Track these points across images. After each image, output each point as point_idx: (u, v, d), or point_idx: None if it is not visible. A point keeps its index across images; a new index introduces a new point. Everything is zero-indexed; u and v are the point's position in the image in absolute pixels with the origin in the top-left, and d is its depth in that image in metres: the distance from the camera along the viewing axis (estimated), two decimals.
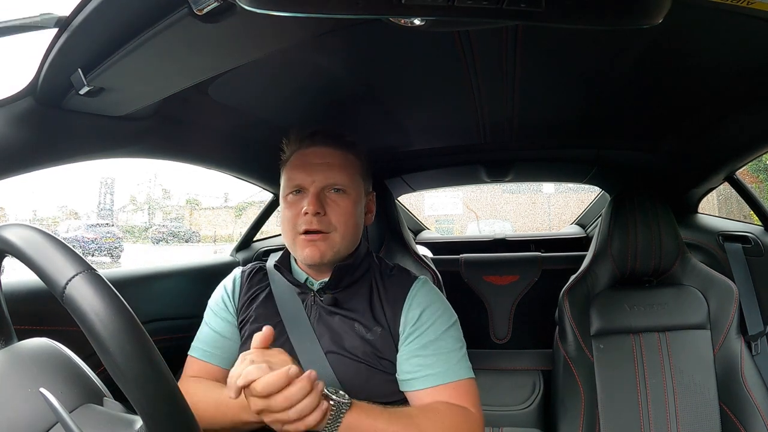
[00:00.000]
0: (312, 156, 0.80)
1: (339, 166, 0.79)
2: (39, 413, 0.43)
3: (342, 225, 0.78)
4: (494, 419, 1.44)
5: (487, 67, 0.77)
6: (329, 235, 0.77)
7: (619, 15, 0.41)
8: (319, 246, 0.76)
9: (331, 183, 0.78)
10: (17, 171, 0.68)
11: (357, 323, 0.77)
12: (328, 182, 0.78)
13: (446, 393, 0.72)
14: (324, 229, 0.77)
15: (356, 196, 0.81)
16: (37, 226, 0.43)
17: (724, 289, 1.12)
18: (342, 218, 0.78)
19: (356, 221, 0.81)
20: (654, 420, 1.07)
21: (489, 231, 4.11)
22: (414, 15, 0.41)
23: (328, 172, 0.78)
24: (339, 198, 0.78)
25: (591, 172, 1.64)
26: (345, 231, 0.78)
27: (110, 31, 0.50)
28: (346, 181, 0.79)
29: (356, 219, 0.81)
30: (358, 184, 0.82)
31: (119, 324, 0.37)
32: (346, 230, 0.78)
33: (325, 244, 0.77)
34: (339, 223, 0.78)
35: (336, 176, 0.79)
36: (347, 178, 0.79)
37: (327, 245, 0.77)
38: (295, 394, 0.57)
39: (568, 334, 1.15)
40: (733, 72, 0.77)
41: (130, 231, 6.94)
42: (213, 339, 0.82)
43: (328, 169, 0.79)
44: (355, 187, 0.81)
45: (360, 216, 0.83)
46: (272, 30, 0.50)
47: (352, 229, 0.80)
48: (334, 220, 0.77)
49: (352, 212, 0.79)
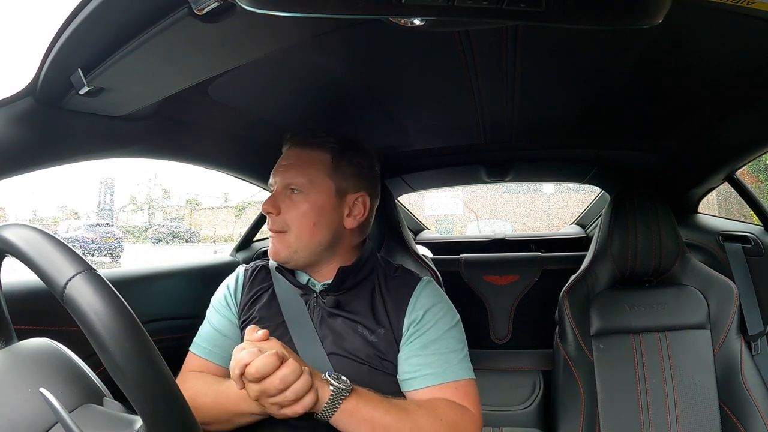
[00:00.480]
0: (283, 158, 0.83)
1: (299, 167, 0.80)
2: (39, 413, 0.43)
3: (296, 225, 0.78)
4: (494, 419, 1.44)
5: (487, 67, 0.77)
6: (284, 234, 0.79)
7: (619, 15, 0.41)
8: (275, 244, 0.79)
9: (288, 183, 0.79)
10: (17, 171, 0.68)
11: (360, 325, 0.77)
12: (285, 182, 0.80)
13: (445, 392, 0.72)
14: (278, 229, 0.79)
15: (317, 196, 0.78)
16: (37, 226, 0.43)
17: (724, 289, 1.12)
18: (296, 218, 0.78)
19: (313, 221, 0.78)
20: (654, 420, 1.07)
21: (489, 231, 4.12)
22: (414, 15, 0.41)
23: (287, 172, 0.80)
24: (296, 198, 0.79)
25: (591, 172, 1.64)
26: (300, 231, 0.78)
27: (110, 31, 0.50)
28: (303, 181, 0.78)
29: (313, 218, 0.78)
30: (322, 183, 0.79)
31: (119, 324, 0.37)
32: (301, 230, 0.78)
33: (280, 243, 0.79)
34: (293, 223, 0.78)
35: (293, 176, 0.79)
36: (305, 178, 0.78)
37: (282, 244, 0.79)
38: (288, 374, 0.58)
39: (568, 334, 1.15)
40: (733, 72, 0.77)
41: (130, 231, 6.95)
42: (214, 337, 0.83)
43: (288, 170, 0.80)
44: (317, 186, 0.79)
45: (323, 215, 0.79)
46: (272, 30, 0.50)
47: (309, 229, 0.78)
48: (288, 220, 0.78)
49: (308, 212, 0.78)
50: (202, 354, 0.82)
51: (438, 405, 0.70)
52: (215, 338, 0.83)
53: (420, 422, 0.67)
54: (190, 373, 0.80)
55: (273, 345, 0.63)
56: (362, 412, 0.64)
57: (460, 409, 0.71)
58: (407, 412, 0.68)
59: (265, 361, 0.58)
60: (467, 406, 0.72)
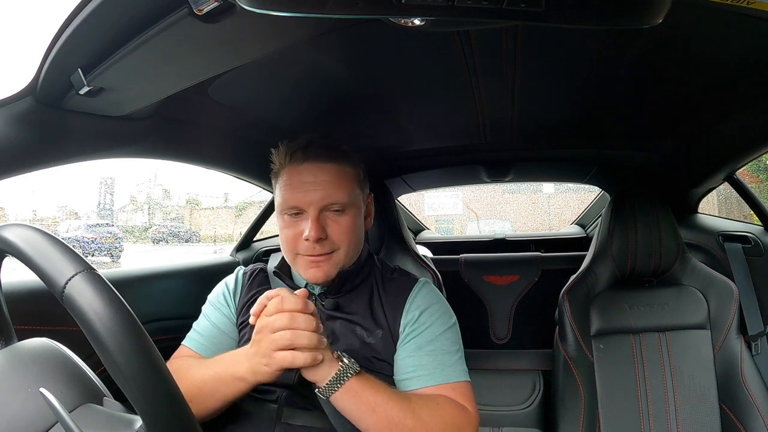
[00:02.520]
0: (306, 174, 0.76)
1: (335, 184, 0.75)
2: (39, 413, 0.43)
3: (345, 243, 0.77)
4: (494, 419, 1.44)
5: (487, 67, 0.77)
6: (332, 255, 0.76)
7: (619, 15, 0.41)
8: (323, 267, 0.76)
9: (330, 203, 0.75)
10: (17, 171, 0.68)
11: (358, 327, 0.78)
12: (326, 203, 0.75)
13: (441, 393, 0.72)
14: (327, 251, 0.76)
15: (356, 209, 0.79)
16: (37, 226, 0.43)
17: (724, 289, 1.12)
18: (345, 237, 0.76)
19: (358, 234, 0.80)
20: (654, 420, 1.07)
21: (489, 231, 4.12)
22: (414, 15, 0.41)
23: (325, 191, 0.75)
24: (339, 217, 0.76)
25: (591, 172, 1.64)
26: (348, 248, 0.77)
27: (110, 31, 0.50)
28: (345, 198, 0.76)
29: (358, 232, 0.79)
30: (356, 195, 0.79)
31: (118, 323, 0.37)
32: (349, 247, 0.78)
33: (329, 264, 0.76)
34: (342, 242, 0.76)
35: (334, 195, 0.75)
36: (345, 195, 0.76)
37: (330, 265, 0.76)
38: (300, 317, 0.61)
39: (568, 334, 1.15)
40: (733, 72, 0.77)
41: (130, 231, 6.95)
42: (209, 332, 0.82)
43: (325, 188, 0.75)
44: (355, 200, 0.78)
45: (361, 226, 0.81)
46: (272, 30, 0.50)
47: (355, 244, 0.79)
48: (337, 239, 0.76)
49: (354, 228, 0.78)
50: (195, 347, 0.81)
51: (438, 399, 0.70)
52: (212, 333, 0.82)
53: (421, 413, 0.66)
54: (179, 358, 0.80)
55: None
56: (366, 394, 0.64)
57: (460, 407, 0.71)
58: (410, 402, 0.67)
59: (294, 299, 0.62)
60: (465, 406, 0.72)
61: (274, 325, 0.61)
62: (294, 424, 0.73)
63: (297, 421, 0.73)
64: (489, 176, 1.65)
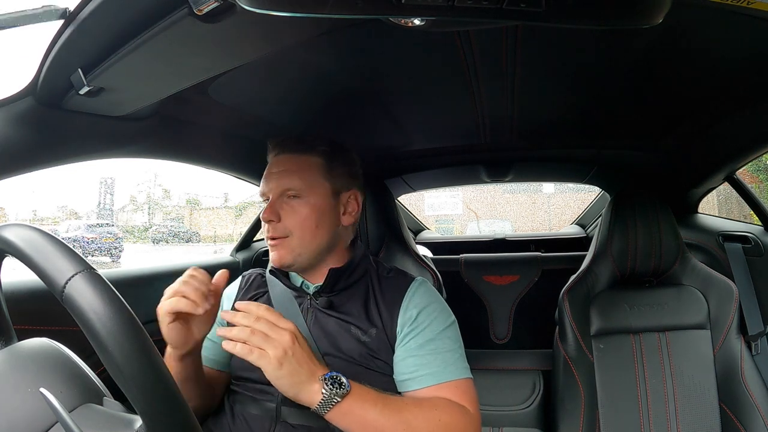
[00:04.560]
0: (273, 165, 0.83)
1: (293, 171, 0.80)
2: (39, 413, 0.43)
3: (298, 229, 0.79)
4: (494, 419, 1.44)
5: (487, 67, 0.77)
6: (286, 239, 0.79)
7: (619, 15, 0.41)
8: (278, 250, 0.79)
9: (285, 189, 0.80)
10: (17, 171, 0.68)
11: (352, 326, 0.78)
12: (281, 188, 0.80)
13: (444, 392, 0.72)
14: (280, 235, 0.79)
15: (316, 199, 0.80)
16: (37, 226, 0.43)
17: (724, 289, 1.12)
18: (297, 223, 0.79)
19: (316, 223, 0.80)
20: (654, 420, 1.07)
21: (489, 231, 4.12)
22: (414, 15, 0.41)
23: (282, 179, 0.80)
24: (295, 203, 0.79)
25: (591, 172, 1.64)
26: (302, 234, 0.79)
27: (110, 31, 0.50)
28: (301, 185, 0.79)
29: (316, 221, 0.80)
30: (318, 185, 0.81)
31: (118, 323, 0.37)
32: (303, 233, 0.79)
33: (284, 249, 0.79)
34: (294, 227, 0.79)
35: (289, 181, 0.79)
36: (301, 182, 0.80)
37: (285, 250, 0.79)
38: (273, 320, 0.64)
39: (568, 334, 1.15)
40: (733, 72, 0.77)
41: (130, 231, 6.95)
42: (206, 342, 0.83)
43: (283, 176, 0.80)
44: (315, 189, 0.81)
45: (323, 217, 0.81)
46: (272, 30, 0.50)
47: (311, 232, 0.80)
48: (290, 225, 0.79)
49: (309, 215, 0.79)
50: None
51: (437, 404, 0.70)
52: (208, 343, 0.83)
53: (415, 423, 0.66)
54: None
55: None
56: (355, 414, 0.65)
57: (460, 408, 0.71)
58: (401, 412, 0.67)
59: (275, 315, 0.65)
60: (466, 406, 0.72)
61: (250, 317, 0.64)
62: (293, 423, 0.73)
63: (296, 420, 0.73)
64: (489, 176, 1.65)
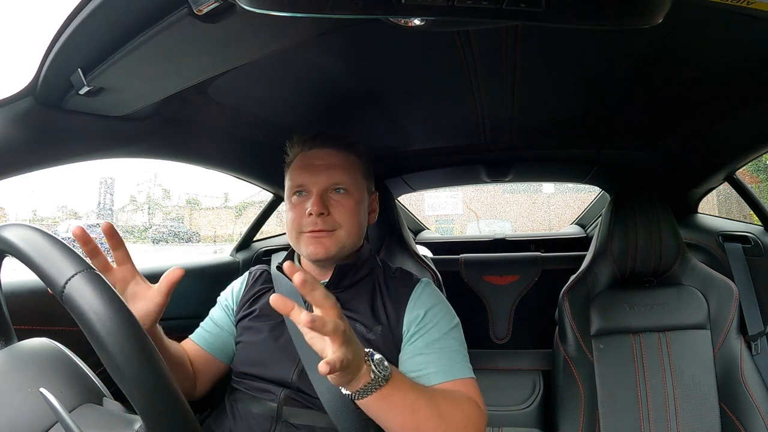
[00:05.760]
0: (314, 158, 0.82)
1: (341, 167, 0.81)
2: (39, 413, 0.43)
3: (347, 223, 0.80)
4: (494, 419, 1.44)
5: (487, 67, 0.77)
6: (334, 232, 0.79)
7: (619, 15, 0.41)
8: (325, 243, 0.78)
9: (334, 183, 0.80)
10: (17, 171, 0.68)
11: (358, 323, 0.78)
12: (330, 182, 0.80)
13: (452, 389, 0.72)
14: (329, 228, 0.78)
15: (359, 195, 0.83)
16: (37, 226, 0.43)
17: (724, 289, 1.12)
18: (347, 217, 0.80)
19: (360, 219, 0.82)
20: (654, 420, 1.07)
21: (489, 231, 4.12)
22: (414, 15, 0.41)
23: (330, 172, 0.80)
24: (342, 198, 0.80)
25: (591, 172, 1.64)
26: (350, 228, 0.80)
27: (110, 31, 0.50)
28: (349, 181, 0.81)
29: (360, 217, 0.82)
30: (360, 183, 0.84)
31: (118, 323, 0.37)
32: (351, 228, 0.80)
33: (331, 241, 0.79)
34: (344, 221, 0.79)
35: (338, 176, 0.80)
36: (349, 178, 0.81)
37: (332, 242, 0.79)
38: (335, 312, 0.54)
39: (568, 334, 1.15)
40: (733, 72, 0.77)
41: (130, 231, 6.94)
42: (211, 327, 0.88)
43: (330, 170, 0.80)
44: (358, 186, 0.83)
45: (363, 215, 0.84)
46: (272, 30, 0.50)
47: (357, 227, 0.82)
48: (339, 218, 0.79)
49: (356, 210, 0.81)
50: (196, 339, 0.87)
51: (457, 395, 0.70)
52: (213, 329, 0.87)
53: (445, 411, 0.66)
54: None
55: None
56: (395, 398, 0.62)
57: (474, 402, 0.71)
58: (434, 399, 0.66)
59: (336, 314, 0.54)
60: (477, 402, 0.72)
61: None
62: (294, 423, 0.73)
63: (297, 420, 0.73)
64: (489, 176, 1.65)
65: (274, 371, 0.77)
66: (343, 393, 0.60)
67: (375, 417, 0.63)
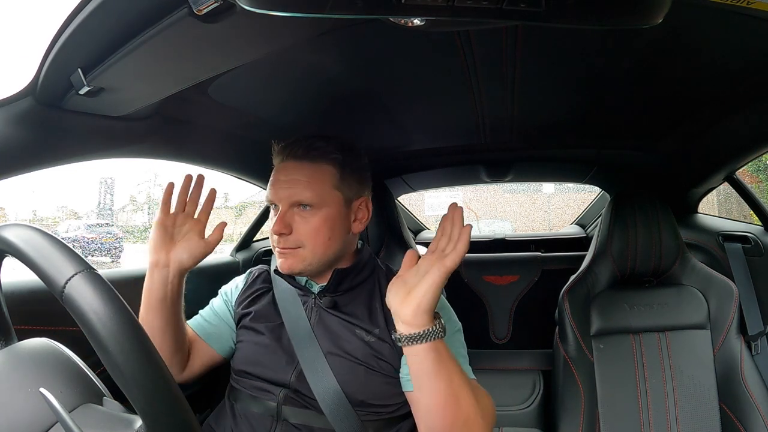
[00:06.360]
0: (282, 171, 0.79)
1: (305, 182, 0.77)
2: (39, 413, 0.43)
3: (310, 241, 0.77)
4: None
5: (487, 67, 0.77)
6: (297, 250, 0.77)
7: (619, 15, 0.41)
8: (288, 260, 0.78)
9: (297, 201, 0.77)
10: (17, 171, 0.68)
11: (357, 327, 0.78)
12: (293, 200, 0.77)
13: None
14: (291, 246, 0.77)
15: (329, 210, 0.78)
16: (37, 226, 0.43)
17: (724, 289, 1.12)
18: (310, 235, 0.77)
19: (327, 235, 0.78)
20: (654, 420, 1.07)
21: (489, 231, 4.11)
22: (414, 15, 0.41)
23: (293, 189, 0.77)
24: (308, 214, 0.77)
25: (591, 172, 1.64)
26: (314, 246, 0.77)
27: (110, 31, 0.50)
28: (313, 197, 0.77)
29: (327, 233, 0.78)
30: (331, 195, 0.79)
31: (118, 323, 0.37)
32: (315, 245, 0.77)
33: (294, 259, 0.77)
34: (307, 240, 0.77)
35: (301, 194, 0.77)
36: (313, 194, 0.77)
37: (296, 260, 0.77)
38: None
39: (568, 334, 1.15)
40: (733, 72, 0.77)
41: (130, 231, 6.93)
42: (209, 315, 0.89)
43: (294, 186, 0.77)
44: (328, 199, 0.78)
45: (335, 227, 0.79)
46: (272, 30, 0.50)
47: (322, 244, 0.78)
48: (302, 237, 0.77)
49: (321, 227, 0.77)
50: (194, 326, 0.87)
51: (476, 386, 0.71)
52: (211, 317, 0.88)
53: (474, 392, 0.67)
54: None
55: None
56: (443, 358, 0.63)
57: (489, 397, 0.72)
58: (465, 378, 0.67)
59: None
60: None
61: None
62: (294, 422, 0.73)
63: (296, 420, 0.73)
64: (489, 176, 1.65)
65: (272, 372, 0.77)
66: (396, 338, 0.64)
67: (421, 373, 0.64)
